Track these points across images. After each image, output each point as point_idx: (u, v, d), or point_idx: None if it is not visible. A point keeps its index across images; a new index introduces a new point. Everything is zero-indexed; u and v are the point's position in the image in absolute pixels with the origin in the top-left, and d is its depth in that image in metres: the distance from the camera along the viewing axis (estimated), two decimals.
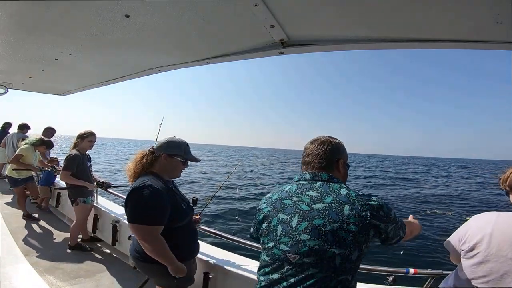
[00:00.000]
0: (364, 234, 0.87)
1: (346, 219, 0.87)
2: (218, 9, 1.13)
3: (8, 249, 2.84)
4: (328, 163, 1.03)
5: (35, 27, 1.42)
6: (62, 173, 2.92)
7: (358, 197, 0.91)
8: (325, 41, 1.32)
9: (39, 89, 3.32)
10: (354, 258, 0.87)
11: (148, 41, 1.52)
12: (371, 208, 0.89)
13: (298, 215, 0.92)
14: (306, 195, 0.96)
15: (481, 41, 1.09)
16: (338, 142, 1.10)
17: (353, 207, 0.88)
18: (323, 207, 0.90)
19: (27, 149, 3.99)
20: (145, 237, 1.34)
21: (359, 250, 0.87)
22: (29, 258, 2.71)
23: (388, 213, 0.93)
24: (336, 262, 0.86)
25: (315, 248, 0.86)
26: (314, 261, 0.86)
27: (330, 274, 0.86)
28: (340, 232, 0.86)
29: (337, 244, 0.86)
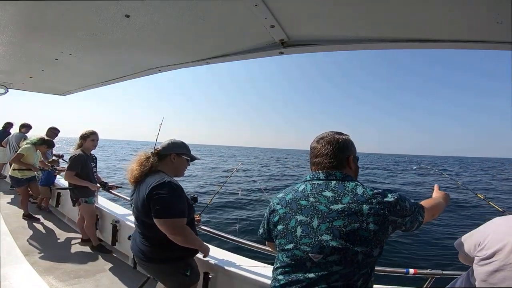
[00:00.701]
0: (384, 231, 0.89)
1: (366, 218, 0.88)
2: (218, 9, 1.13)
3: (8, 249, 2.84)
4: (339, 161, 1.02)
5: (35, 27, 1.42)
6: (67, 173, 2.94)
7: (375, 195, 0.91)
8: (325, 41, 1.32)
9: (39, 89, 3.32)
10: (375, 254, 0.89)
11: (148, 41, 1.52)
12: (388, 205, 0.90)
13: (317, 216, 0.92)
14: (322, 195, 0.95)
15: (481, 41, 1.09)
16: (345, 138, 1.07)
17: (371, 206, 0.89)
18: (341, 207, 0.90)
19: (28, 149, 3.99)
20: (178, 230, 1.41)
21: (380, 247, 0.90)
22: (29, 258, 2.71)
23: (404, 206, 0.94)
24: (359, 258, 0.88)
25: (338, 248, 0.87)
26: (337, 259, 0.88)
27: (353, 269, 0.88)
28: (361, 231, 0.87)
29: (359, 243, 0.87)
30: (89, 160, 3.12)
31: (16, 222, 3.78)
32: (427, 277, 1.59)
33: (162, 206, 1.38)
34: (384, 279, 2.02)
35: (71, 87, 3.11)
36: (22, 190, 4.07)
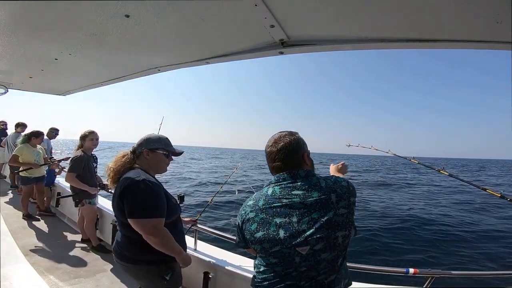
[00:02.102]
0: (351, 212, 1.03)
1: (336, 205, 0.99)
2: (218, 9, 1.13)
3: (8, 249, 2.85)
4: (297, 162, 1.10)
5: (35, 27, 1.42)
6: (68, 175, 2.93)
7: (336, 184, 1.04)
8: (325, 41, 1.31)
9: (39, 89, 3.32)
10: (352, 235, 1.02)
11: (148, 41, 1.52)
12: (347, 189, 1.04)
13: (295, 214, 0.99)
14: (293, 194, 1.02)
15: (481, 41, 1.09)
16: (297, 138, 1.14)
17: (337, 194, 1.01)
18: (314, 201, 0.99)
19: (21, 148, 3.99)
20: (152, 230, 1.31)
21: (354, 227, 1.03)
22: (29, 258, 2.72)
23: (352, 186, 1.08)
24: (340, 241, 0.98)
25: (321, 237, 0.96)
26: (323, 247, 0.97)
27: (337, 253, 1.00)
28: (336, 217, 0.98)
29: (338, 228, 0.98)
30: (91, 161, 3.12)
31: (16, 222, 3.78)
32: (427, 277, 1.59)
33: (135, 206, 1.31)
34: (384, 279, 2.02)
35: (71, 87, 3.11)
36: (27, 189, 4.08)
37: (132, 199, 1.32)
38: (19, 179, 4.22)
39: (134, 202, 1.32)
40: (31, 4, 1.17)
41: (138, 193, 1.32)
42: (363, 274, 1.68)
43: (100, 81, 2.65)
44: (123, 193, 1.34)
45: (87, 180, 3.00)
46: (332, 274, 1.00)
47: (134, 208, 1.31)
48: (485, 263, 5.05)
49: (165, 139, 1.59)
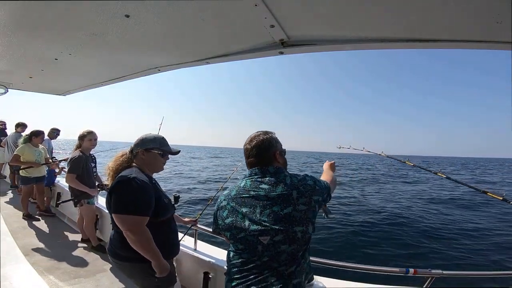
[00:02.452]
0: (311, 210, 1.09)
1: (296, 201, 1.07)
2: (218, 9, 1.13)
3: (8, 249, 2.85)
4: (268, 159, 1.21)
5: (35, 27, 1.42)
6: (68, 176, 2.93)
7: (300, 182, 1.12)
8: (325, 41, 1.31)
9: (39, 89, 3.32)
10: (310, 231, 1.09)
11: (148, 41, 1.52)
12: (310, 188, 1.12)
13: (259, 205, 1.10)
14: (260, 188, 1.13)
15: (481, 41, 1.09)
16: (269, 137, 1.25)
17: (299, 191, 1.09)
18: (277, 195, 1.09)
19: (22, 148, 4.00)
20: (131, 227, 1.31)
21: (312, 223, 1.09)
22: (29, 258, 2.72)
23: (321, 185, 1.17)
24: (299, 236, 1.07)
25: (280, 229, 1.05)
26: (282, 239, 1.06)
27: (297, 247, 1.07)
28: (294, 212, 1.06)
29: (295, 223, 1.06)
30: (89, 161, 3.12)
31: (16, 222, 3.78)
32: (427, 277, 1.59)
33: (118, 201, 1.34)
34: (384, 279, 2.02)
35: (71, 87, 3.12)
36: (27, 189, 4.08)
37: (117, 195, 1.35)
38: (19, 179, 4.22)
39: (118, 198, 1.35)
40: (31, 4, 1.17)
41: (123, 190, 1.35)
42: (363, 274, 1.69)
43: (100, 81, 2.65)
44: (112, 190, 1.37)
45: (85, 180, 3.00)
46: (292, 266, 1.06)
47: (117, 203, 1.34)
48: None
49: (160, 138, 1.62)
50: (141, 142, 1.57)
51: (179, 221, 2.02)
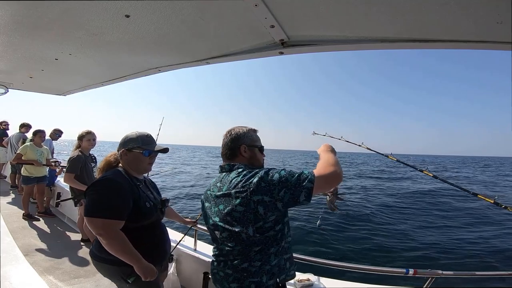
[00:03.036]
0: (251, 212, 1.03)
1: (234, 201, 1.06)
2: (218, 9, 1.13)
3: (8, 249, 2.85)
4: (232, 152, 1.23)
5: (35, 27, 1.42)
6: (66, 176, 2.94)
7: (241, 181, 1.06)
8: (325, 41, 1.31)
9: (39, 89, 3.32)
10: (251, 234, 1.05)
11: (148, 41, 1.52)
12: (252, 187, 1.03)
13: (214, 202, 1.17)
14: (216, 186, 1.19)
15: (481, 41, 1.09)
16: (239, 131, 1.26)
17: (237, 190, 1.06)
18: (222, 194, 1.12)
19: (25, 148, 4.02)
20: (101, 231, 1.25)
21: (252, 226, 1.05)
22: (29, 258, 2.72)
23: (270, 181, 1.02)
24: (243, 237, 1.06)
25: (224, 227, 1.11)
26: (227, 236, 1.10)
27: (244, 247, 1.08)
28: (234, 213, 1.06)
29: (235, 223, 1.07)
30: (88, 161, 3.12)
31: (16, 222, 3.79)
32: (427, 277, 1.59)
33: (89, 204, 1.30)
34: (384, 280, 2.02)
35: (71, 87, 3.11)
36: (28, 188, 4.09)
37: (89, 197, 1.32)
38: (21, 178, 4.24)
39: (90, 201, 1.31)
40: (31, 4, 1.17)
41: (95, 192, 1.32)
42: (363, 274, 1.69)
43: (100, 81, 2.65)
44: (85, 192, 1.35)
45: (85, 180, 3.00)
46: (244, 263, 1.08)
47: (87, 206, 1.31)
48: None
49: (144, 136, 1.52)
50: (123, 142, 1.51)
51: (180, 221, 2.01)
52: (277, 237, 1.10)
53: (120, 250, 1.28)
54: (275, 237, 1.09)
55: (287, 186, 1.01)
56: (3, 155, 6.18)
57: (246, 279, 1.07)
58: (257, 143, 1.28)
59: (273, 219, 1.07)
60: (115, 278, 1.41)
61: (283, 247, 1.13)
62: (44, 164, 4.15)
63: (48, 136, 4.99)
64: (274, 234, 1.09)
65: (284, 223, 1.13)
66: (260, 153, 1.29)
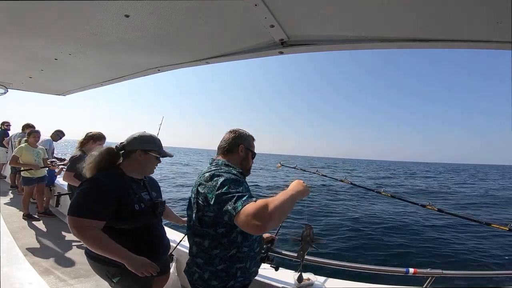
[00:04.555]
0: (196, 199, 1.17)
1: (197, 191, 1.17)
2: (218, 9, 1.13)
3: (8, 249, 2.84)
4: (230, 148, 1.33)
5: (35, 27, 1.42)
6: (66, 174, 2.93)
7: (206, 178, 1.13)
8: (325, 41, 1.31)
9: (39, 89, 3.32)
10: (195, 220, 1.18)
11: (147, 41, 1.52)
12: (204, 179, 1.14)
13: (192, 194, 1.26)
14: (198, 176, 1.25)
15: (481, 41, 1.09)
16: (244, 132, 1.40)
17: (199, 181, 1.18)
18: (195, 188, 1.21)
19: (20, 149, 4.00)
20: (80, 230, 1.24)
21: (196, 214, 1.17)
22: (29, 258, 2.71)
23: (217, 186, 1.06)
24: (191, 223, 1.22)
25: (189, 215, 1.24)
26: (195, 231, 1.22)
27: (200, 239, 1.18)
28: (192, 199, 1.22)
29: (190, 207, 1.23)
30: None
31: (16, 222, 3.78)
32: (427, 277, 1.59)
33: (72, 203, 1.30)
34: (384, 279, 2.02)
35: (71, 87, 3.11)
36: (29, 189, 4.08)
37: (74, 196, 1.33)
38: (21, 179, 4.22)
39: (73, 200, 1.32)
40: (31, 4, 1.17)
41: (79, 193, 1.32)
42: (363, 274, 1.69)
43: (100, 81, 2.65)
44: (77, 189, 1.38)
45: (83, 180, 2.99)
46: (202, 258, 1.18)
47: (71, 204, 1.31)
48: None
49: (159, 140, 1.54)
50: (140, 140, 1.47)
51: (181, 222, 2.00)
52: (223, 241, 1.14)
53: (100, 248, 1.25)
54: (219, 239, 1.14)
55: (218, 197, 1.04)
56: (3, 155, 6.17)
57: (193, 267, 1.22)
58: (252, 148, 1.41)
59: (212, 215, 1.12)
60: (101, 275, 1.42)
61: (234, 254, 1.15)
62: (42, 167, 4.13)
63: (49, 136, 4.99)
64: (215, 235, 1.14)
65: (237, 232, 1.15)
66: (252, 158, 1.40)
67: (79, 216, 1.26)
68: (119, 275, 1.34)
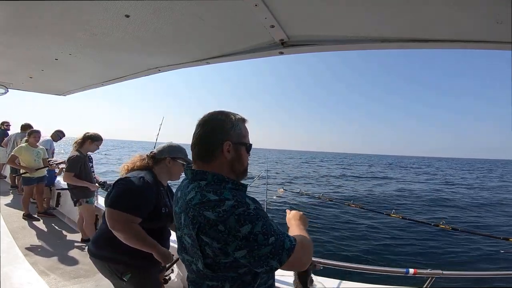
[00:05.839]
0: (198, 248, 0.78)
1: (183, 228, 0.82)
2: (218, 9, 1.13)
3: (8, 249, 2.84)
4: (209, 151, 0.86)
5: (35, 27, 1.42)
6: (65, 174, 2.95)
7: (196, 206, 0.76)
8: (325, 41, 1.31)
9: (39, 89, 3.32)
10: (201, 268, 0.81)
11: (148, 41, 1.52)
12: (203, 222, 0.74)
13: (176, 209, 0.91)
14: (177, 192, 0.94)
15: (481, 41, 1.09)
16: (226, 118, 0.88)
17: (186, 218, 0.79)
18: (177, 211, 0.88)
19: (19, 149, 4.00)
20: (120, 225, 1.31)
21: (201, 261, 0.80)
22: (29, 258, 2.72)
23: (234, 230, 0.71)
24: (193, 268, 0.85)
25: (180, 248, 0.92)
26: (183, 259, 0.91)
27: (197, 275, 0.84)
28: (182, 238, 0.86)
29: (185, 250, 0.86)
30: (87, 161, 3.13)
31: (16, 222, 3.79)
32: (427, 277, 1.59)
33: (114, 195, 1.35)
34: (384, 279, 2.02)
35: (71, 87, 3.11)
36: (29, 189, 4.08)
37: (116, 190, 1.36)
38: (21, 179, 4.22)
39: (116, 193, 1.36)
40: (31, 4, 1.17)
41: (124, 187, 1.37)
42: (363, 274, 1.69)
43: (100, 81, 2.65)
44: (115, 184, 1.40)
45: (83, 179, 3.01)
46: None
47: (113, 197, 1.35)
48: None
49: (184, 150, 1.66)
50: (169, 149, 1.60)
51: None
52: (245, 279, 0.82)
53: (140, 242, 1.33)
54: (242, 278, 0.81)
55: (252, 251, 0.72)
56: (3, 155, 6.17)
57: None
58: (245, 140, 0.92)
59: (231, 261, 0.78)
60: (110, 275, 1.43)
61: (259, 283, 0.85)
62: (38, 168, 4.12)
63: (50, 136, 4.99)
64: (236, 276, 0.81)
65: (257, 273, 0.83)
66: (247, 152, 0.93)
67: (126, 211, 1.31)
68: (129, 272, 1.39)
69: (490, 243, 5.78)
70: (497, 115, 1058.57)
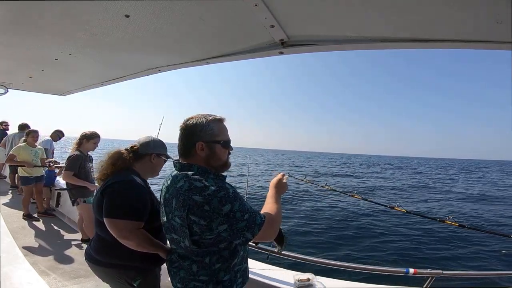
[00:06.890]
0: (188, 228, 0.95)
1: (173, 211, 0.98)
2: (218, 9, 1.13)
3: (8, 249, 2.84)
4: (186, 150, 1.07)
5: (35, 27, 1.42)
6: (65, 173, 2.95)
7: (186, 192, 0.93)
8: (325, 41, 1.31)
9: (39, 89, 3.32)
10: (188, 244, 0.98)
11: (148, 41, 1.52)
12: (192, 204, 0.91)
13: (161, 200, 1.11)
14: (166, 182, 1.10)
15: (481, 41, 1.09)
16: (195, 122, 1.05)
17: (177, 202, 0.96)
18: (167, 197, 1.04)
19: (18, 148, 4.00)
20: (127, 233, 1.24)
21: (188, 239, 0.97)
22: (29, 258, 2.72)
23: (216, 209, 0.89)
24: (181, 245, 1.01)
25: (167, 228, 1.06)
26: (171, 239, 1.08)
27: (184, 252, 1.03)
28: (172, 221, 1.01)
29: (173, 231, 1.02)
30: (86, 160, 3.13)
31: (16, 222, 3.79)
32: (427, 277, 1.60)
33: (112, 205, 1.27)
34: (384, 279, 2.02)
35: (71, 87, 3.11)
36: (28, 188, 4.08)
37: (112, 197, 1.29)
38: (20, 178, 4.22)
39: (113, 202, 1.28)
40: (31, 4, 1.17)
41: (119, 194, 1.29)
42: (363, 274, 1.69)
43: (100, 81, 2.65)
44: (106, 190, 1.31)
45: (84, 179, 3.01)
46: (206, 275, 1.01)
47: (111, 207, 1.27)
48: None
49: (164, 144, 1.62)
50: (153, 145, 1.53)
51: None
52: (224, 254, 1.01)
53: (148, 247, 1.28)
54: (220, 253, 1.00)
55: (233, 226, 0.91)
56: (3, 156, 6.17)
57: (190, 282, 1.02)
58: (218, 138, 1.06)
59: (214, 237, 0.94)
60: (117, 281, 1.37)
61: (236, 263, 1.05)
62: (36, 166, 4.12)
63: (49, 136, 4.99)
64: (217, 250, 0.99)
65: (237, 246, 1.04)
66: (224, 148, 1.08)
67: (129, 219, 1.25)
68: (138, 277, 1.33)
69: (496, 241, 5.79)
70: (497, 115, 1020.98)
